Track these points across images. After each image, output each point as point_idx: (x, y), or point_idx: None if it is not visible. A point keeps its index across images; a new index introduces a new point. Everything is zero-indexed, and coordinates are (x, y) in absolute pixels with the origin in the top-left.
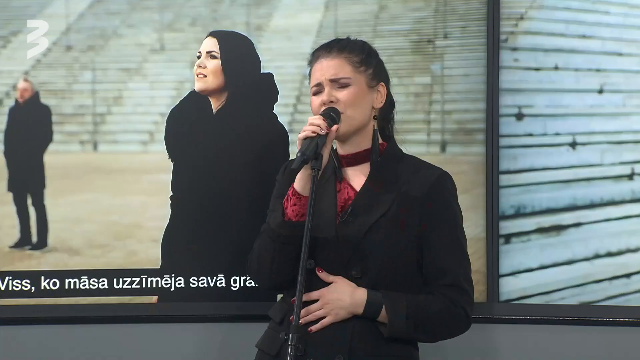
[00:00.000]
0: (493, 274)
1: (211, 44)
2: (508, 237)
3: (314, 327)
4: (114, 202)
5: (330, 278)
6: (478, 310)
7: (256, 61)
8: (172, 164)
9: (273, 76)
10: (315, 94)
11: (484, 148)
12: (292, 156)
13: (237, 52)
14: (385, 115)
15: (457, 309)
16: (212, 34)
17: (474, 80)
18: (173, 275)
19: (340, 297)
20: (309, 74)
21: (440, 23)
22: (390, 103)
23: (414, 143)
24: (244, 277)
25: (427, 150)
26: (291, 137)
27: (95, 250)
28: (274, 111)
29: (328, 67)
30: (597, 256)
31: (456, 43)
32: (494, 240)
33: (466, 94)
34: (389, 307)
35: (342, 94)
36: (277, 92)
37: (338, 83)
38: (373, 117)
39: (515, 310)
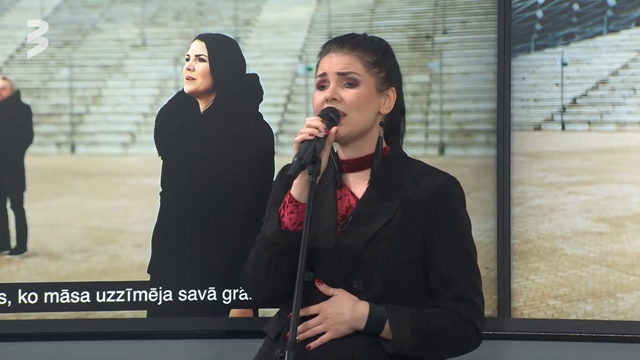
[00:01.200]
0: (505, 286)
1: (199, 48)
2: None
3: (312, 344)
4: (95, 206)
5: (331, 291)
6: (488, 326)
7: (242, 63)
8: (162, 161)
9: (258, 77)
10: (320, 87)
11: (484, 150)
12: (279, 157)
13: (224, 54)
14: (392, 121)
15: (467, 324)
16: (200, 37)
17: (475, 78)
18: (160, 288)
19: (341, 311)
20: (316, 66)
21: (439, 18)
22: (400, 110)
23: (411, 145)
24: (237, 290)
25: (425, 152)
26: (282, 138)
27: (76, 255)
28: (259, 110)
29: (338, 61)
30: None
31: (456, 39)
32: (505, 249)
33: (466, 93)
34: (392, 322)
35: (347, 94)
36: (262, 93)
37: (346, 78)
38: (379, 123)
39: (528, 326)
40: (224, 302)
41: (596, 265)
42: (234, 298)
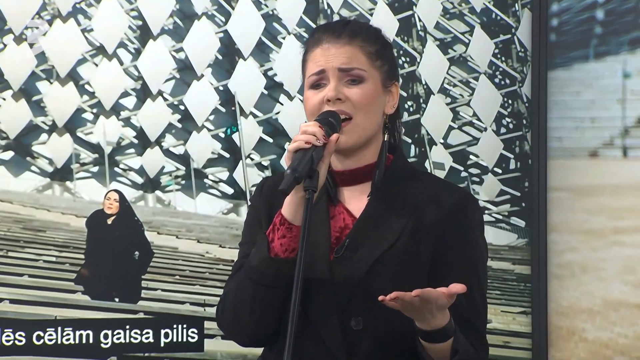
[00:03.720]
0: (540, 335)
1: None
2: None
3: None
4: None
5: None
6: None
7: None
8: None
9: None
10: (314, 86)
11: None
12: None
13: None
14: (392, 119)
15: None
16: None
17: None
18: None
19: (437, 317)
20: (304, 61)
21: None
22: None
23: None
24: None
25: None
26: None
27: None
28: None
29: (337, 54)
30: None
31: None
32: (542, 293)
33: None
34: (456, 342)
35: (353, 92)
36: None
37: (349, 75)
38: (384, 125)
39: None
40: (189, 339)
41: (622, 358)
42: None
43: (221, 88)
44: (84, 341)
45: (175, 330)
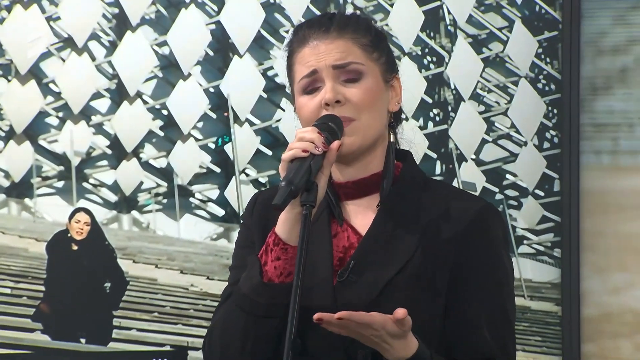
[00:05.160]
0: None
1: None
2: None
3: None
4: None
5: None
6: None
7: None
8: None
9: None
10: (308, 91)
11: None
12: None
13: None
14: (396, 118)
15: None
16: None
17: None
18: None
19: (396, 347)
20: (289, 66)
21: None
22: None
23: None
24: None
25: None
26: None
27: None
28: None
29: (329, 50)
30: None
31: None
32: (573, 322)
33: None
34: None
35: (353, 92)
36: None
37: (346, 73)
38: (389, 124)
39: None
40: None
41: None
42: None
43: (212, 90)
44: None
45: None
